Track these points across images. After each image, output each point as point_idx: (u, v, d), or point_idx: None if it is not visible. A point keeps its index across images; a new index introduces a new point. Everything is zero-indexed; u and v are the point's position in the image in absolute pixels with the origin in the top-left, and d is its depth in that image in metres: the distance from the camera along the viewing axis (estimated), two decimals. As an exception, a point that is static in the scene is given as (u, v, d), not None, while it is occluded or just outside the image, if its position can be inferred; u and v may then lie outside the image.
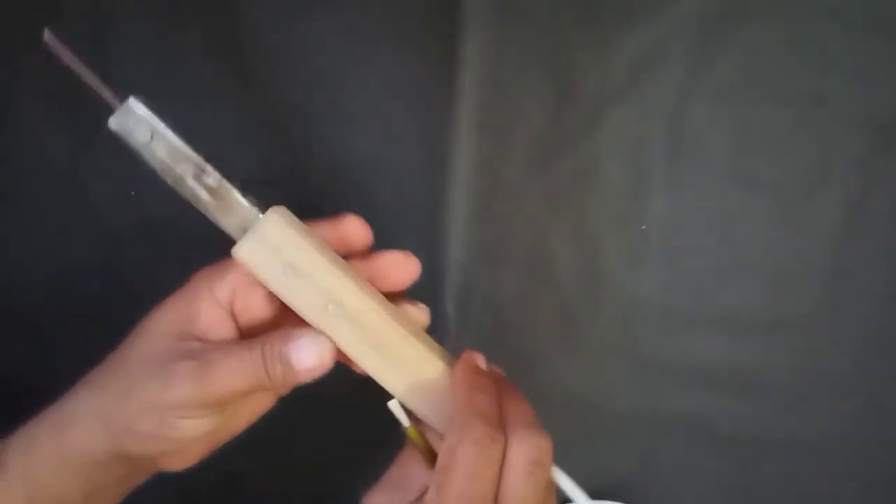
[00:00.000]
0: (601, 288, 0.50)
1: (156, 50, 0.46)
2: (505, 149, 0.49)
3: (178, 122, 0.47)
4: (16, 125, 0.46)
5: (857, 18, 0.45)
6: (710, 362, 0.50)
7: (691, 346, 0.50)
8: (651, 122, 0.47)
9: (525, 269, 0.50)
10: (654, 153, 0.48)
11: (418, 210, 0.49)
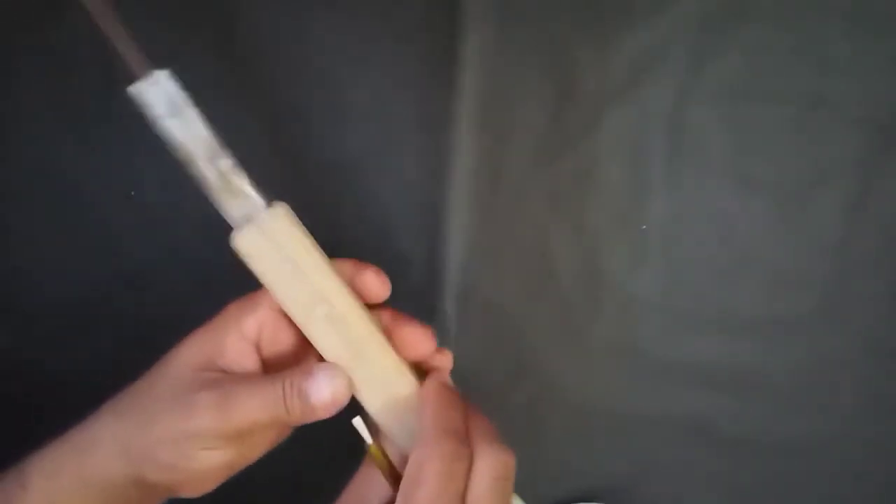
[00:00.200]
0: (601, 288, 0.50)
1: (155, 50, 0.46)
2: (505, 149, 0.49)
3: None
4: (16, 125, 0.46)
5: (857, 18, 0.45)
6: (710, 362, 0.50)
7: (691, 346, 0.50)
8: (651, 122, 0.47)
9: (525, 269, 0.50)
10: (654, 153, 0.48)
11: (418, 210, 0.49)
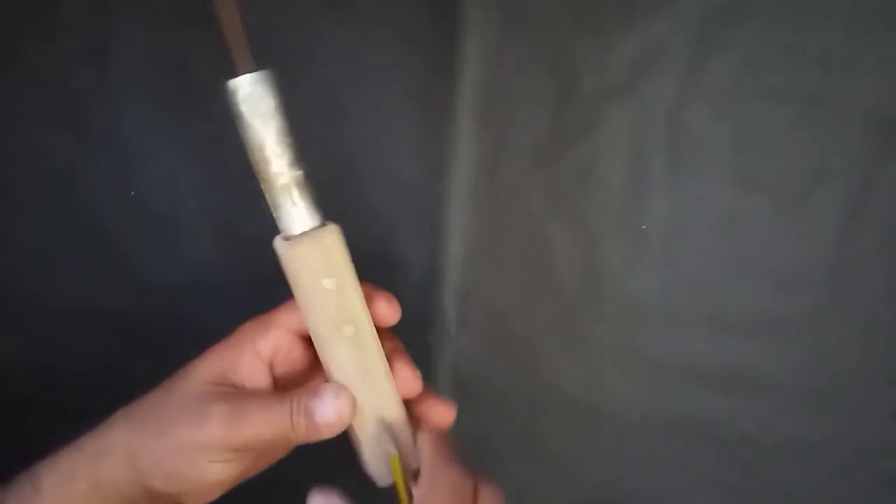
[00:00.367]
0: (601, 288, 0.50)
1: (156, 49, 0.46)
2: (505, 148, 0.49)
3: (177, 120, 0.47)
4: (16, 125, 0.46)
5: (857, 18, 0.45)
6: (710, 362, 0.50)
7: (691, 345, 0.50)
8: (651, 121, 0.47)
9: (525, 268, 0.50)
10: (654, 153, 0.48)
11: (418, 210, 0.49)
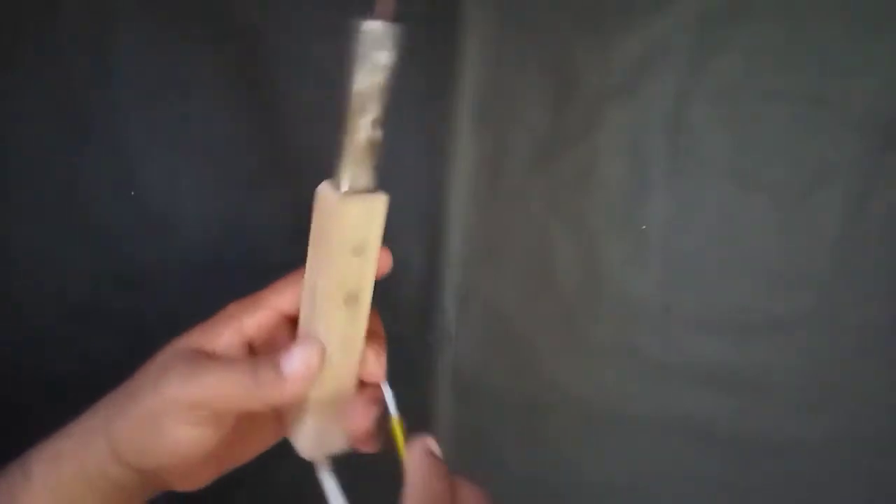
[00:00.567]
0: (601, 288, 0.50)
1: (156, 49, 0.46)
2: (505, 148, 0.49)
3: (177, 119, 0.47)
4: (15, 126, 0.46)
5: (857, 18, 0.45)
6: (710, 362, 0.50)
7: (691, 346, 0.50)
8: (651, 121, 0.47)
9: (525, 268, 0.50)
10: (654, 153, 0.48)
11: (418, 209, 0.49)
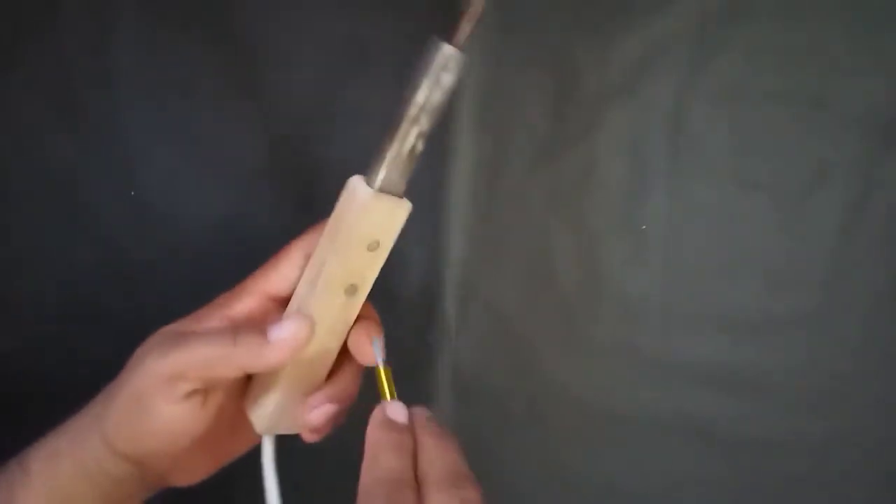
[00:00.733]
0: (601, 288, 0.50)
1: (156, 49, 0.46)
2: (505, 149, 0.49)
3: (177, 119, 0.47)
4: (16, 125, 0.46)
5: (857, 18, 0.45)
6: (710, 362, 0.50)
7: (691, 346, 0.50)
8: (651, 122, 0.47)
9: (525, 268, 0.50)
10: (654, 153, 0.48)
11: (418, 210, 0.49)
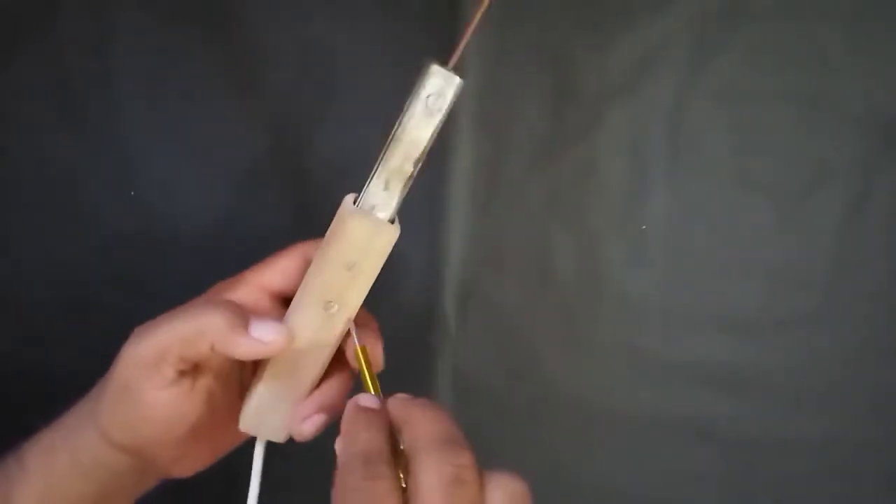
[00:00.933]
0: (601, 288, 0.50)
1: (156, 49, 0.46)
2: (505, 148, 0.49)
3: (177, 119, 0.47)
4: (16, 125, 0.46)
5: (857, 18, 0.45)
6: (710, 362, 0.50)
7: (691, 345, 0.50)
8: (651, 122, 0.47)
9: (525, 268, 0.50)
10: (654, 153, 0.48)
11: (418, 210, 0.49)
